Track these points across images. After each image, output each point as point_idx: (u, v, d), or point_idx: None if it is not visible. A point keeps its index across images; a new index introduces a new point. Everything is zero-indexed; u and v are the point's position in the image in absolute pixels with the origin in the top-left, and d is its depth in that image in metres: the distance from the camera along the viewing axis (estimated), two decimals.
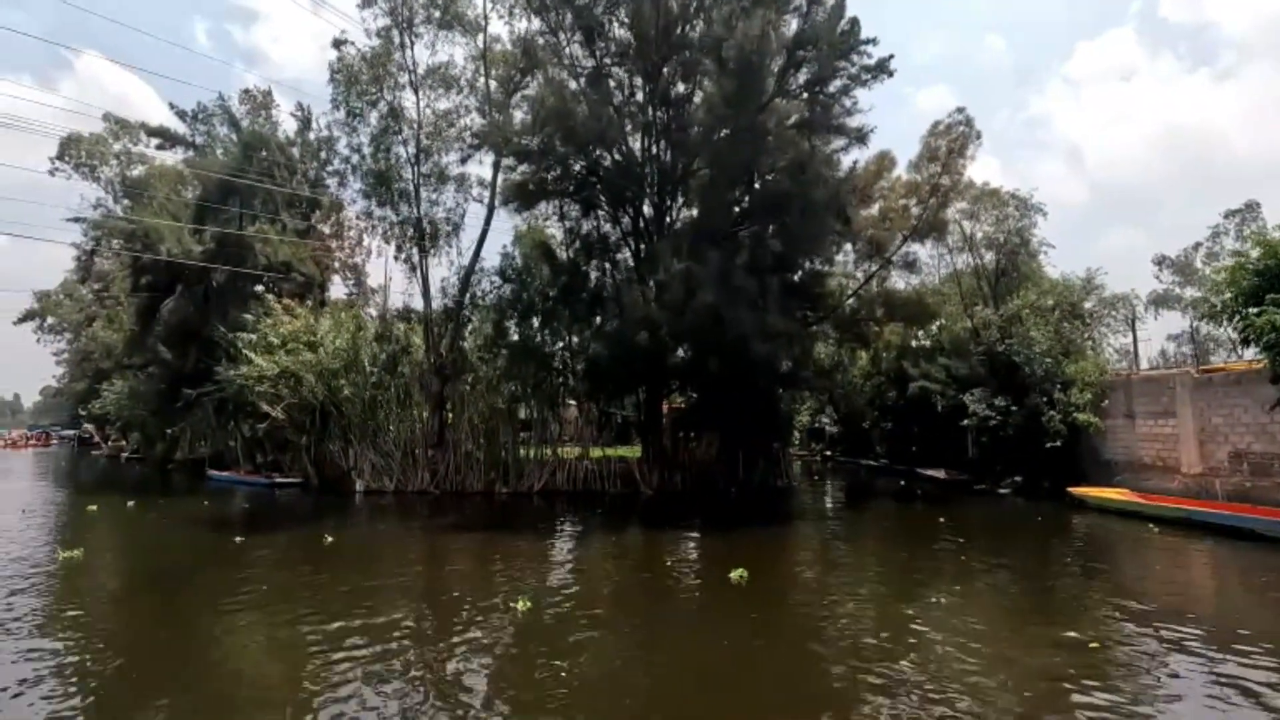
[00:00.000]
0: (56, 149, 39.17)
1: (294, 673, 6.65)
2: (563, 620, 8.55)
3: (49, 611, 8.85)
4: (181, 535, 15.57)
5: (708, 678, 6.69)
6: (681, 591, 10.51)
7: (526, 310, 23.50)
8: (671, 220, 22.74)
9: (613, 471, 23.11)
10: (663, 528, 16.12)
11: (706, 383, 22.05)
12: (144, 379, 36.13)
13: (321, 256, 32.58)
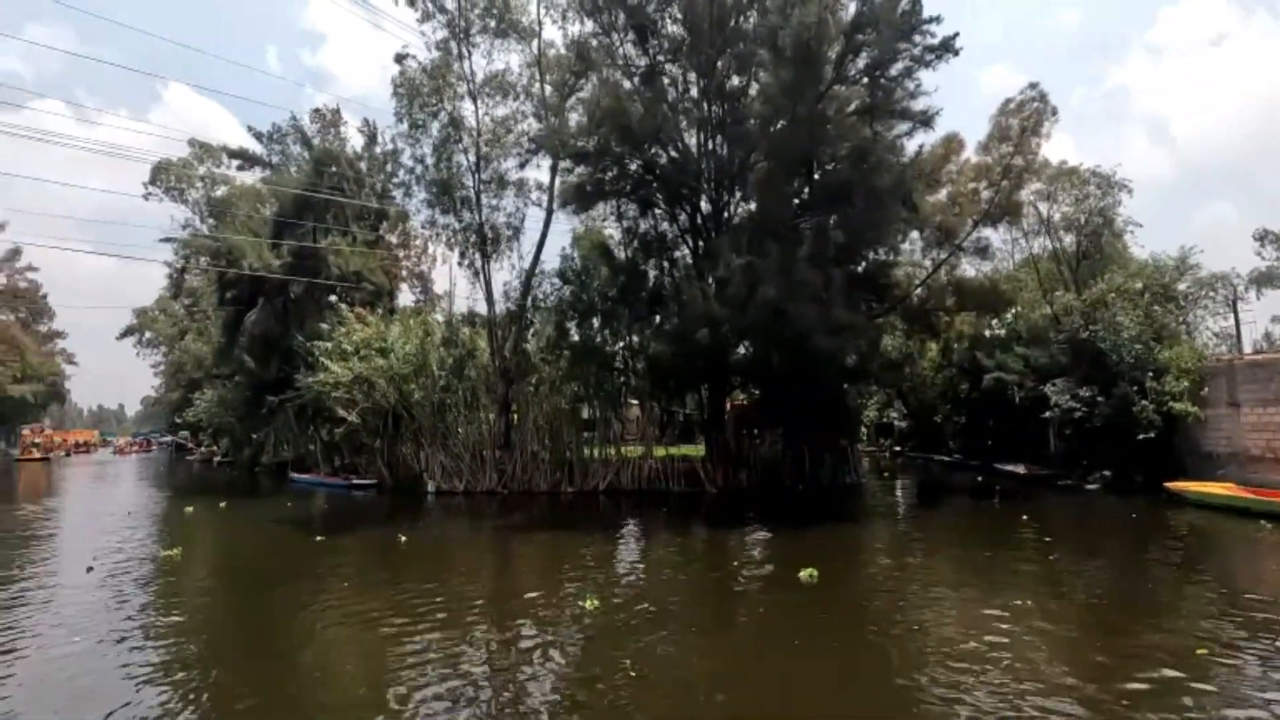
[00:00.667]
0: (150, 175, 42.05)
1: (371, 666, 6.86)
2: (631, 619, 8.53)
3: (153, 606, 9.44)
4: (268, 534, 16.39)
5: (777, 679, 6.54)
6: (749, 591, 10.35)
7: (586, 311, 23.70)
8: (729, 215, 22.48)
9: (677, 470, 23.03)
10: (729, 526, 15.94)
11: (770, 379, 21.70)
12: (231, 387, 38.36)
13: (390, 266, 33.78)
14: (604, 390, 24.40)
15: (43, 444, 65.25)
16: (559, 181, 23.86)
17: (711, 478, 22.39)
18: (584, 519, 18.06)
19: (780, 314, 17.04)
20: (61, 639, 7.75)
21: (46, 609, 9.13)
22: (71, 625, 8.27)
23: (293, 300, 31.60)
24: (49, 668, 6.87)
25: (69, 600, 9.51)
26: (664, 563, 12.37)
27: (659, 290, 23.34)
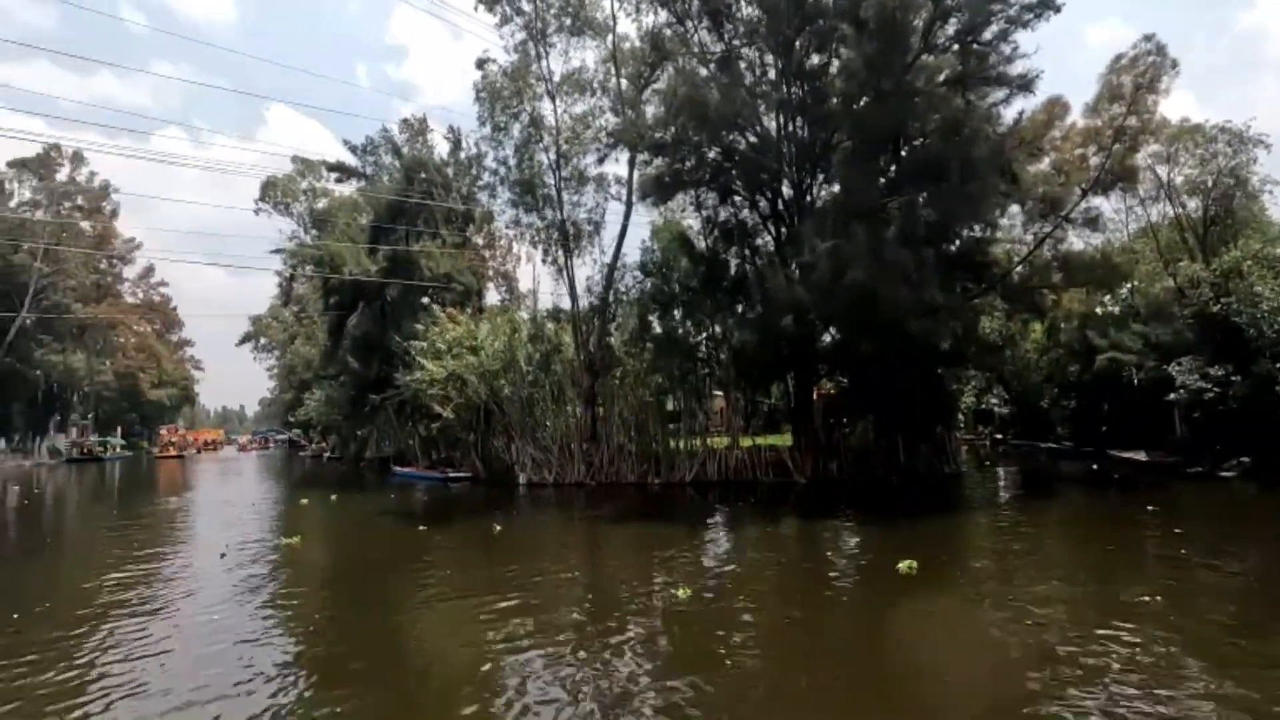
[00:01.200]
0: (259, 191, 45.40)
1: (472, 650, 7.08)
2: (722, 609, 8.47)
3: (278, 587, 10.19)
4: (376, 524, 17.35)
5: (878, 673, 6.31)
6: (845, 582, 10.05)
7: (668, 302, 23.71)
8: (812, 199, 21.86)
9: (764, 460, 22.70)
10: (820, 517, 15.56)
11: (859, 366, 20.99)
12: (337, 387, 40.91)
13: (477, 266, 34.99)
14: (688, 382, 24.35)
15: (178, 442, 71.93)
16: (637, 175, 23.96)
17: (800, 468, 21.93)
18: (671, 510, 18.11)
19: (869, 298, 16.41)
20: (201, 613, 8.52)
21: (188, 588, 10.04)
22: (209, 602, 9.07)
23: (390, 303, 33.32)
24: (191, 636, 7.58)
25: (207, 581, 10.41)
26: (754, 553, 12.21)
27: (741, 279, 23.02)
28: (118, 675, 6.38)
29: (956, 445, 24.55)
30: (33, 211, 54.08)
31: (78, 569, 12.50)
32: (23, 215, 53.53)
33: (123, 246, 65.02)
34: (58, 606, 9.15)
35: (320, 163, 43.40)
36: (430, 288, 32.17)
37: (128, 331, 68.80)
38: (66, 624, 8.16)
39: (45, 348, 53.71)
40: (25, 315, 50.65)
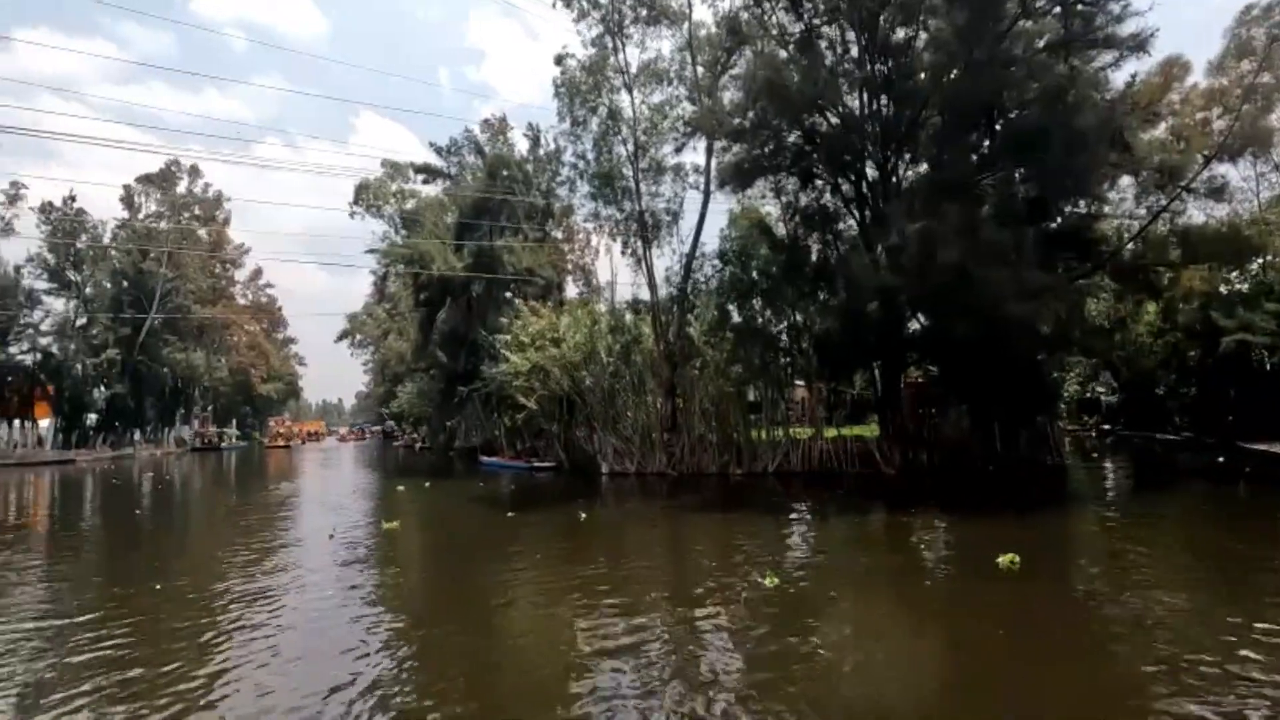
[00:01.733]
0: (353, 194, 47.92)
1: (561, 634, 7.21)
2: (810, 599, 8.32)
3: (381, 569, 10.80)
4: (467, 511, 18.05)
5: (974, 670, 6.03)
6: (938, 575, 9.66)
7: (748, 291, 23.43)
8: (898, 180, 21.04)
9: (850, 451, 22.12)
10: (910, 509, 15.02)
11: (951, 352, 20.05)
12: (427, 380, 42.85)
13: (557, 260, 35.70)
14: (768, 371, 24.02)
15: (285, 433, 77.23)
16: (715, 163, 23.75)
17: (888, 458, 21.24)
18: (754, 500, 17.93)
19: (963, 280, 15.64)
20: (314, 593, 9.10)
21: (301, 570, 10.75)
22: (320, 581, 9.69)
23: (475, 298, 34.55)
24: (303, 616, 8.07)
25: (318, 561, 11.14)
26: (842, 544, 11.92)
27: (823, 265, 22.48)
28: (242, 647, 6.92)
29: (1059, 436, 23.12)
30: (157, 222, 59.18)
31: (207, 546, 13.68)
32: (150, 226, 58.69)
33: (234, 251, 70.21)
34: (192, 580, 10.03)
35: (408, 165, 45.36)
36: (513, 282, 33.09)
37: (240, 331, 74.32)
38: (200, 597, 8.94)
39: (170, 346, 58.76)
40: (154, 317, 55.58)
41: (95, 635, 7.23)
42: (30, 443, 53.53)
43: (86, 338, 54.67)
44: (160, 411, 62.57)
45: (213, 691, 5.68)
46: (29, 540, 14.73)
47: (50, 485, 29.05)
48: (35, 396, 53.98)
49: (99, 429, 57.10)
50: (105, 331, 54.58)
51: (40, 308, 54.24)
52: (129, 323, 54.72)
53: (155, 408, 61.19)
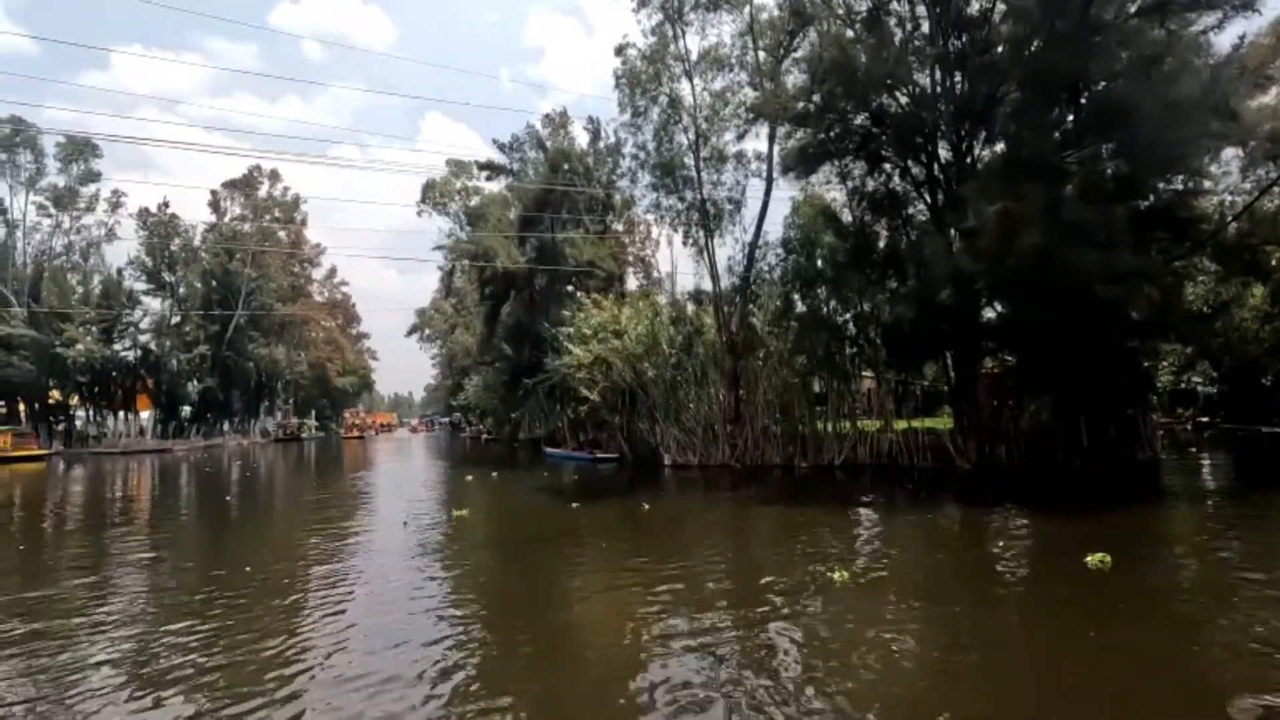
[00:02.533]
0: (420, 193, 49.44)
1: (625, 626, 7.15)
2: (882, 595, 8.02)
3: (452, 555, 11.09)
4: (532, 500, 18.36)
5: (1063, 672, 5.65)
6: (1020, 573, 9.16)
7: (812, 280, 22.83)
8: (973, 161, 20.02)
9: (921, 444, 21.33)
10: (987, 504, 14.34)
11: (1031, 341, 18.99)
12: (493, 373, 43.80)
13: (618, 252, 35.80)
14: (834, 362, 23.40)
15: (359, 424, 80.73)
16: (777, 150, 23.25)
17: (963, 452, 20.37)
18: (820, 493, 17.52)
19: (1046, 264, 14.75)
20: (386, 578, 9.42)
21: (375, 555, 11.17)
22: (392, 568, 10.02)
23: (538, 291, 35.05)
24: (376, 601, 8.32)
25: (392, 547, 11.55)
26: (914, 540, 11.48)
27: (892, 252, 21.67)
28: (321, 630, 7.21)
29: (1152, 429, 21.63)
30: (241, 224, 62.58)
31: (290, 530, 14.41)
32: (235, 228, 62.13)
33: (311, 251, 73.56)
34: (278, 563, 10.55)
35: (472, 163, 46.40)
36: (575, 275, 33.38)
37: (317, 326, 77.96)
38: (285, 579, 9.38)
39: (255, 342, 62.17)
40: (239, 314, 58.88)
41: (195, 612, 7.68)
42: (133, 433, 57.75)
43: (180, 335, 58.45)
44: (247, 404, 66.33)
45: (300, 669, 5.92)
46: (135, 523, 15.86)
47: (151, 472, 31.23)
48: (137, 390, 58.19)
49: (193, 420, 61.05)
50: (197, 329, 58.23)
51: (140, 307, 58.35)
52: (218, 320, 58.18)
53: (242, 400, 64.91)
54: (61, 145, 54.73)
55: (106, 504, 19.93)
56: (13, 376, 48.41)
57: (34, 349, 48.72)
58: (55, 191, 55.05)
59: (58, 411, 55.90)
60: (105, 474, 30.65)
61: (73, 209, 55.71)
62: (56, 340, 49.22)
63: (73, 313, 51.18)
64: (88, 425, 57.61)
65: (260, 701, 5.23)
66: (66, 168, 55.30)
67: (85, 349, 50.53)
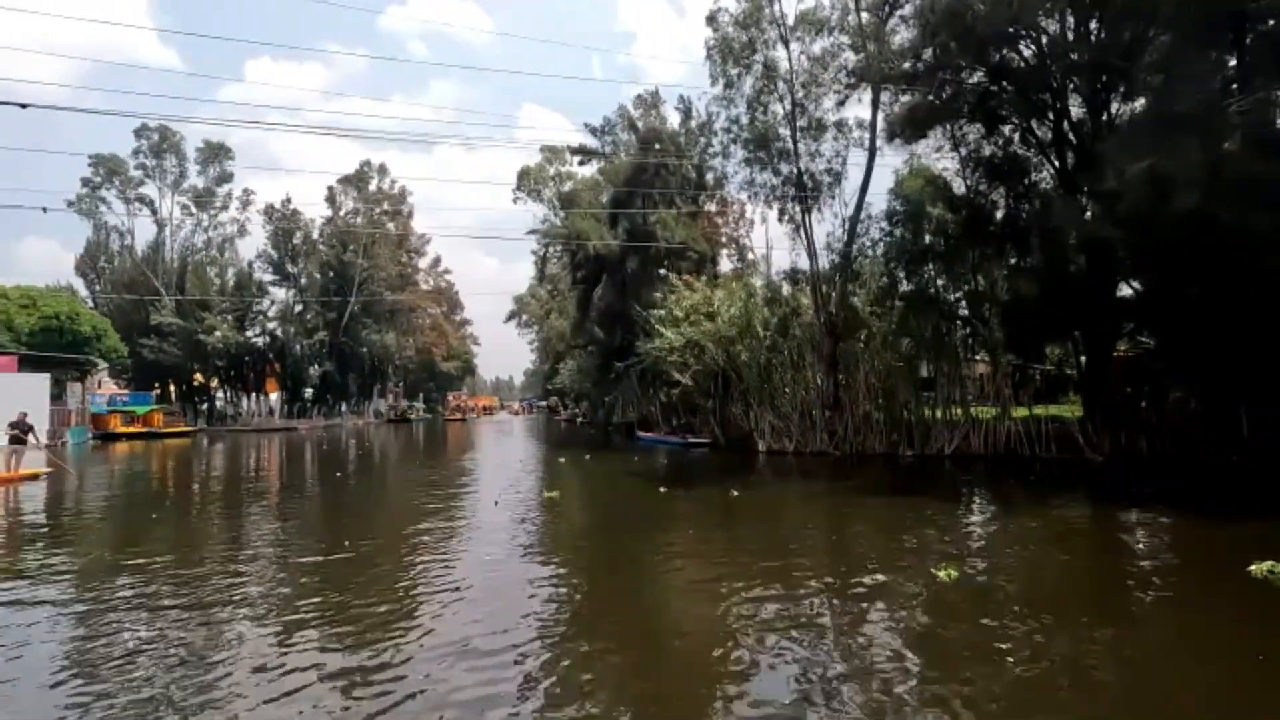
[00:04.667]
0: (515, 181, 50.49)
1: (713, 612, 6.77)
2: (996, 600, 7.13)
3: (541, 534, 11.02)
4: (623, 484, 18.20)
5: (1223, 699, 4.67)
6: (1164, 582, 7.89)
7: (920, 255, 21.23)
8: (1109, 117, 17.84)
9: (1044, 433, 19.49)
10: (1124, 502, 12.76)
11: (1179, 319, 16.78)
12: (586, 357, 44.25)
13: (710, 233, 35.00)
14: (944, 344, 21.76)
15: (461, 407, 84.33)
16: (881, 117, 21.70)
17: (1094, 443, 18.42)
18: (927, 485, 16.29)
19: (1204, 229, 12.84)
20: (483, 553, 9.50)
21: (472, 532, 11.29)
22: (487, 543, 10.08)
23: (630, 274, 34.86)
24: (475, 570, 8.41)
25: (486, 526, 11.66)
26: (1036, 539, 10.27)
27: (1011, 223, 19.78)
28: (419, 605, 7.21)
29: None
30: (354, 218, 66.41)
31: (394, 505, 14.98)
32: (349, 221, 66.04)
33: (417, 241, 77.14)
34: (385, 537, 10.85)
35: (564, 148, 46.77)
36: (667, 257, 32.94)
37: (424, 313, 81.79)
38: (384, 550, 9.58)
39: (368, 329, 66.04)
40: (354, 302, 62.68)
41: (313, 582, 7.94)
42: (264, 412, 62.95)
43: (302, 322, 62.99)
44: (361, 387, 70.78)
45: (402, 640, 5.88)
46: (267, 494, 17.03)
47: (279, 448, 33.77)
48: (266, 374, 63.34)
49: (314, 401, 65.76)
50: (316, 316, 62.54)
51: (268, 296, 63.31)
52: (335, 308, 62.19)
53: (357, 383, 69.30)
54: (200, 149, 60.05)
55: (245, 475, 21.81)
56: (164, 361, 53.88)
57: (181, 336, 53.97)
58: (196, 192, 60.48)
59: (200, 393, 61.78)
60: (241, 449, 33.46)
61: (210, 208, 61.03)
62: (198, 328, 54.26)
63: (211, 302, 56.25)
64: (226, 405, 63.38)
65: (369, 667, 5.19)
66: (205, 170, 60.62)
67: (222, 336, 55.48)
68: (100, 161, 57.02)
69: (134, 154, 57.86)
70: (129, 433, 41.99)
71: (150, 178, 59.04)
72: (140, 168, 58.51)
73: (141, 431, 42.72)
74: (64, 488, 17.65)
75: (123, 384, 54.34)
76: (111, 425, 42.01)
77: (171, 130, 58.14)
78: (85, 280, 59.00)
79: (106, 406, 44.14)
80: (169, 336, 53.75)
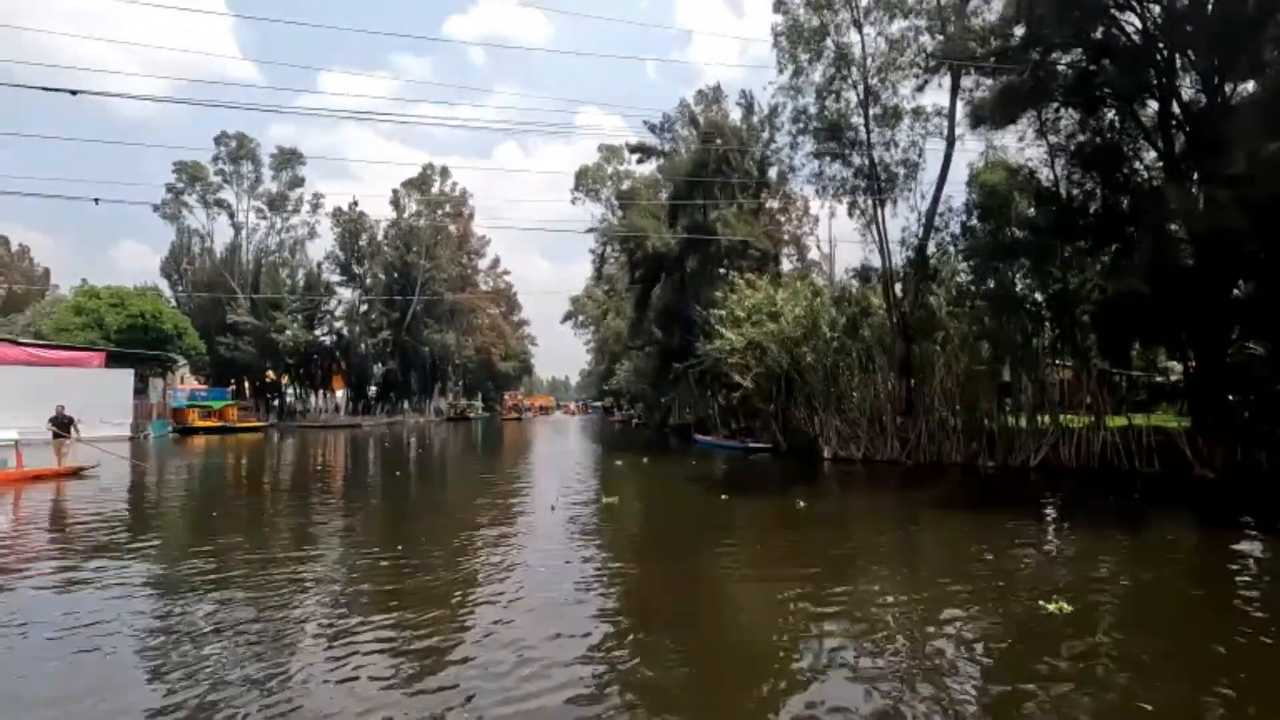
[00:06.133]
0: (573, 181, 50.47)
1: (777, 626, 6.30)
2: (1118, 635, 6.11)
3: (599, 541, 10.42)
4: (682, 490, 17.46)
5: None
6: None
7: (1005, 251, 19.67)
8: (1226, 98, 16.07)
9: (1145, 445, 17.75)
10: (1246, 526, 11.24)
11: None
12: (643, 358, 43.70)
13: (773, 231, 33.88)
14: (1030, 346, 20.17)
15: (517, 406, 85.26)
16: (961, 104, 20.29)
17: (1204, 457, 16.63)
18: (1014, 500, 14.94)
19: None
20: (537, 559, 9.09)
21: (528, 536, 10.81)
22: (544, 549, 9.67)
23: (689, 273, 34.11)
24: (530, 576, 8.02)
25: (541, 530, 11.16)
26: (1146, 566, 9.01)
27: (1109, 216, 18.08)
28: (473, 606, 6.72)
29: None
30: (417, 220, 67.87)
31: (454, 503, 14.71)
32: (412, 223, 67.54)
33: (477, 243, 78.38)
34: (440, 537, 10.46)
35: (623, 146, 46.44)
36: (727, 256, 32.02)
37: (483, 314, 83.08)
38: (445, 549, 9.16)
39: (429, 328, 67.38)
40: (416, 300, 64.04)
41: (371, 576, 7.59)
42: (330, 409, 64.96)
43: (367, 321, 64.73)
44: (422, 385, 72.30)
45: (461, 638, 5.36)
46: (332, 489, 17.15)
47: (344, 444, 34.52)
48: (333, 371, 65.39)
49: (377, 399, 67.52)
50: (380, 316, 64.16)
51: (335, 296, 65.37)
52: (397, 308, 63.67)
53: (419, 382, 70.82)
54: (274, 155, 62.46)
55: (314, 469, 22.46)
56: (239, 358, 56.18)
57: (254, 334, 56.16)
58: (270, 196, 62.90)
59: (272, 389, 64.20)
60: (310, 444, 34.38)
61: (283, 211, 63.36)
62: (270, 327, 56.35)
63: (283, 302, 58.34)
64: (295, 402, 65.70)
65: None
66: (278, 175, 62.99)
67: (293, 334, 57.48)
68: (184, 168, 59.94)
69: (213, 160, 60.63)
70: (206, 427, 43.80)
71: (228, 183, 61.74)
72: (219, 173, 61.24)
73: (217, 426, 44.52)
74: (140, 479, 18.22)
75: (202, 380, 56.92)
76: (190, 419, 43.90)
77: (248, 138, 60.69)
78: (170, 281, 62.12)
79: (186, 401, 46.20)
80: (244, 335, 56.01)
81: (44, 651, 5.72)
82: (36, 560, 9.00)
